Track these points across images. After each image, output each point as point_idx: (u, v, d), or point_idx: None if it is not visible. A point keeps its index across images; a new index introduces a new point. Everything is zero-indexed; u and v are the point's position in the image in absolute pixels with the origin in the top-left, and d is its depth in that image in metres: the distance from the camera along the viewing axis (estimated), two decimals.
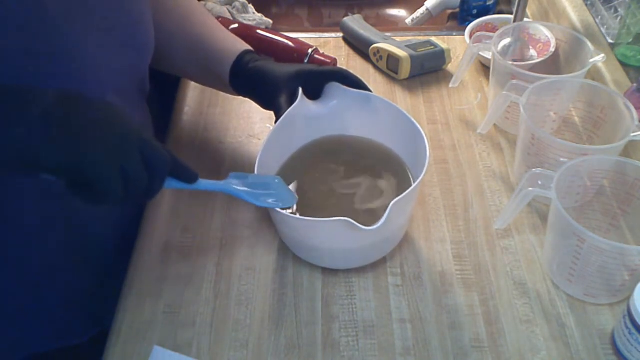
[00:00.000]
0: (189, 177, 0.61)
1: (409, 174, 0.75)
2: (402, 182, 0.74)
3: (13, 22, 0.53)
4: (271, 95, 0.73)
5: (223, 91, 0.82)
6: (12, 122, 0.48)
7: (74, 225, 0.69)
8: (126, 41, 0.66)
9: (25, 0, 0.54)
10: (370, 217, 0.71)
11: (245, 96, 0.78)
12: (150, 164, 0.54)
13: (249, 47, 0.77)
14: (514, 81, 0.78)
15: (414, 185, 0.64)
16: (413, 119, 0.72)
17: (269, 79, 0.73)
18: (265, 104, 0.76)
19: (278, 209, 0.64)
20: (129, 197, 0.53)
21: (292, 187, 0.74)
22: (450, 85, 0.93)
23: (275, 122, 0.71)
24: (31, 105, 0.49)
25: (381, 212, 0.71)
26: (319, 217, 0.63)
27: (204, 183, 0.63)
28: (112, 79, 0.64)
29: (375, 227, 0.60)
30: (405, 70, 0.95)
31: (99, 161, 0.50)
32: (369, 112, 0.76)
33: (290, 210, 0.70)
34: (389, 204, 0.61)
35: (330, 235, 0.65)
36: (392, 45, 0.97)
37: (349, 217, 0.60)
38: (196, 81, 0.89)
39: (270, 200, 0.66)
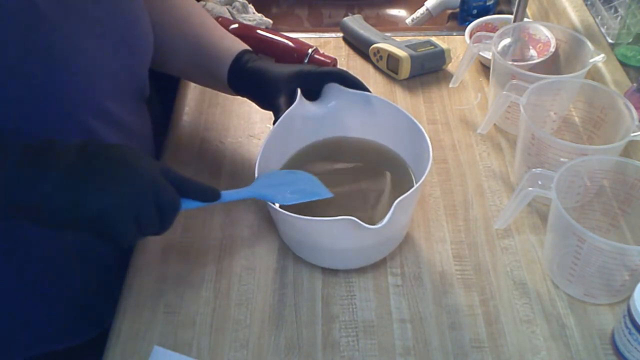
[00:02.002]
0: (211, 197, 0.62)
1: (411, 174, 0.75)
2: (404, 182, 0.74)
3: (9, 26, 0.53)
4: (270, 95, 0.73)
5: (222, 91, 0.82)
6: (36, 180, 0.52)
7: None
8: (122, 45, 0.66)
9: (22, 5, 0.54)
10: (372, 216, 0.71)
11: (243, 96, 0.78)
12: (162, 210, 0.58)
13: (247, 47, 0.77)
14: (514, 81, 0.78)
15: (417, 185, 0.64)
16: (414, 118, 0.72)
17: (268, 79, 0.73)
18: (264, 104, 0.76)
19: (279, 208, 0.64)
20: (141, 237, 0.59)
21: None
22: (450, 85, 0.93)
23: (274, 122, 0.71)
24: (54, 162, 0.53)
25: (383, 212, 0.71)
26: (320, 217, 0.63)
27: (226, 195, 0.63)
28: (109, 83, 0.64)
29: (379, 225, 0.60)
30: (405, 70, 0.95)
31: (117, 216, 0.55)
32: (369, 112, 0.76)
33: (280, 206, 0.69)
34: (391, 203, 0.61)
35: (333, 235, 0.65)
36: (392, 45, 0.97)
37: (349, 216, 0.60)
38: (195, 81, 0.89)
39: (297, 196, 0.66)
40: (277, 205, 0.65)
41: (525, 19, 0.98)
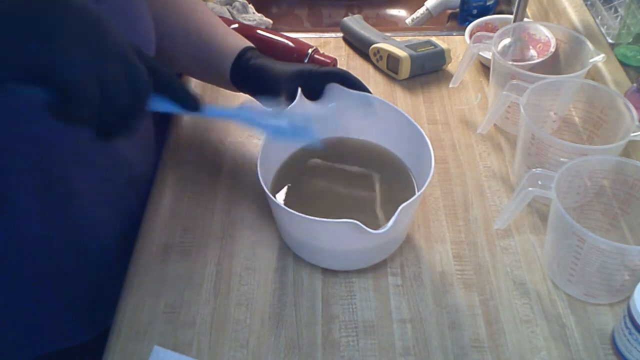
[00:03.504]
0: (189, 104, 0.55)
1: (411, 176, 0.75)
2: (404, 184, 0.74)
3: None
4: (271, 93, 0.73)
5: (223, 87, 0.82)
6: None
7: (75, 226, 0.69)
8: None
9: None
10: (371, 219, 0.71)
11: (245, 93, 0.78)
12: (130, 77, 0.49)
13: (250, 44, 0.77)
14: (514, 81, 0.78)
15: (422, 190, 0.64)
16: (415, 122, 0.72)
17: (270, 77, 0.73)
18: (265, 102, 0.76)
19: (287, 208, 0.63)
20: (108, 114, 0.48)
21: (289, 187, 0.74)
22: (450, 85, 0.93)
23: None
24: None
25: (382, 214, 0.71)
26: (319, 218, 0.63)
27: (210, 110, 0.55)
28: None
29: (383, 230, 0.60)
30: (405, 70, 0.95)
31: (73, 66, 0.45)
32: (369, 113, 0.76)
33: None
34: (391, 205, 0.61)
35: (335, 237, 0.65)
36: (392, 45, 0.97)
37: (349, 218, 0.60)
38: (196, 77, 0.89)
39: (289, 129, 0.61)
40: (281, 202, 0.64)
41: (525, 19, 0.98)
